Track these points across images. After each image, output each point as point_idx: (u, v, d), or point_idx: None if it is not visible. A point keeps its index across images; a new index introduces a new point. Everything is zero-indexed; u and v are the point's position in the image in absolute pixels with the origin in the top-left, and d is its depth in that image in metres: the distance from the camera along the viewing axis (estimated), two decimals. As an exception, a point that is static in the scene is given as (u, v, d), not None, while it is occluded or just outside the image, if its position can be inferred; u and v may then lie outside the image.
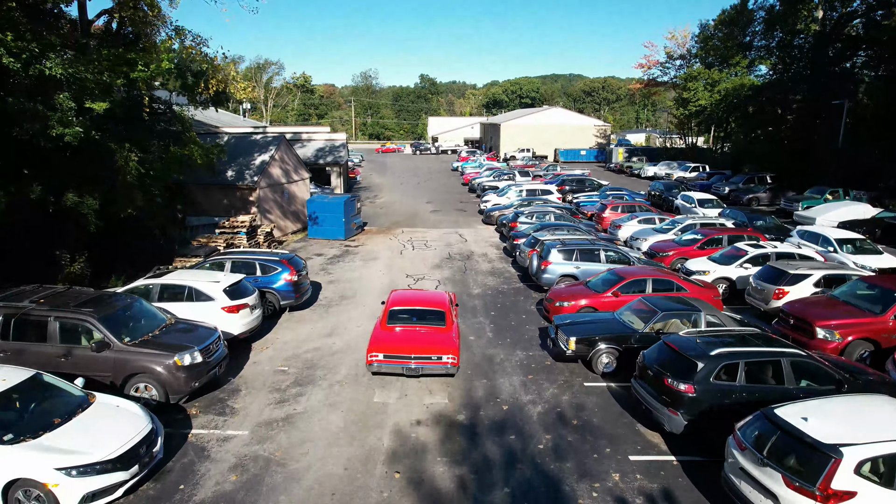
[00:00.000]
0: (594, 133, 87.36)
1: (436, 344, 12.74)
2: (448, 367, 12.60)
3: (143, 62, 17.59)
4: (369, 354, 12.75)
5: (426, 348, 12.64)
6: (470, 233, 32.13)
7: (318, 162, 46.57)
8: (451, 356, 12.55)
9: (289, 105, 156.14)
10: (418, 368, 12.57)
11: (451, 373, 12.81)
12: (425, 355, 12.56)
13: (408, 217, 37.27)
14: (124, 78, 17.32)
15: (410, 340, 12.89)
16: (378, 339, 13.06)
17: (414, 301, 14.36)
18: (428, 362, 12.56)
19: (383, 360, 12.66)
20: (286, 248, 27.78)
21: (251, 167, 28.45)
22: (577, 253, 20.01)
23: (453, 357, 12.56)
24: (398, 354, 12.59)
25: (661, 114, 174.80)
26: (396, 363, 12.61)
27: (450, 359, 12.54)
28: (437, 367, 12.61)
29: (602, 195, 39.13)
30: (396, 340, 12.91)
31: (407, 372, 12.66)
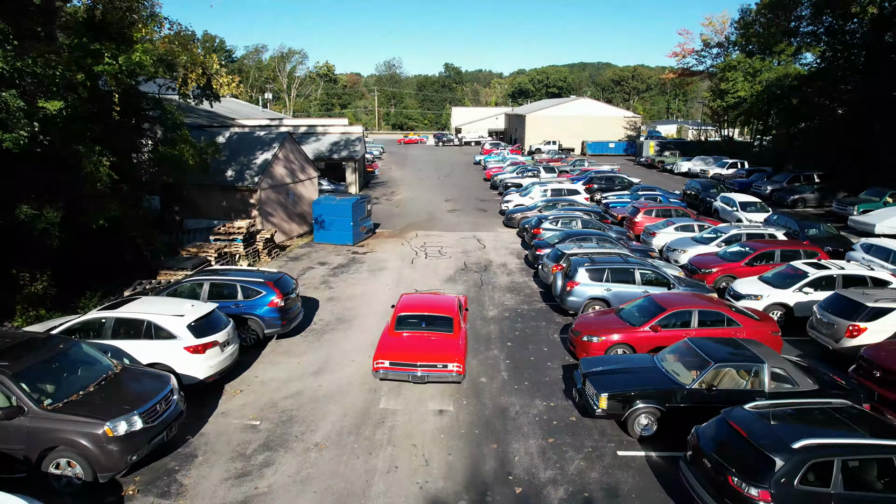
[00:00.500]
0: (623, 125, 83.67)
1: (442, 351, 12.73)
2: (453, 375, 12.56)
3: (109, 54, 15.40)
4: (375, 361, 12.74)
5: (432, 356, 12.62)
6: (489, 237, 29.64)
7: (332, 157, 44.47)
8: (457, 364, 12.52)
9: (312, 95, 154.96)
10: (424, 376, 12.57)
11: (457, 380, 12.76)
12: (431, 363, 12.54)
13: (424, 218, 34.91)
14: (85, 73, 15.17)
15: (417, 347, 12.89)
16: (385, 345, 13.09)
17: (423, 307, 14.26)
18: (434, 370, 12.53)
19: (389, 367, 12.65)
20: (290, 254, 25.69)
21: (252, 166, 26.35)
22: (608, 272, 17.40)
23: (459, 365, 12.53)
24: (404, 362, 12.60)
25: (693, 104, 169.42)
26: (402, 370, 12.62)
27: (455, 367, 12.50)
28: (443, 374, 12.57)
29: (633, 195, 36.25)
30: (403, 347, 12.92)
31: (413, 379, 12.65)
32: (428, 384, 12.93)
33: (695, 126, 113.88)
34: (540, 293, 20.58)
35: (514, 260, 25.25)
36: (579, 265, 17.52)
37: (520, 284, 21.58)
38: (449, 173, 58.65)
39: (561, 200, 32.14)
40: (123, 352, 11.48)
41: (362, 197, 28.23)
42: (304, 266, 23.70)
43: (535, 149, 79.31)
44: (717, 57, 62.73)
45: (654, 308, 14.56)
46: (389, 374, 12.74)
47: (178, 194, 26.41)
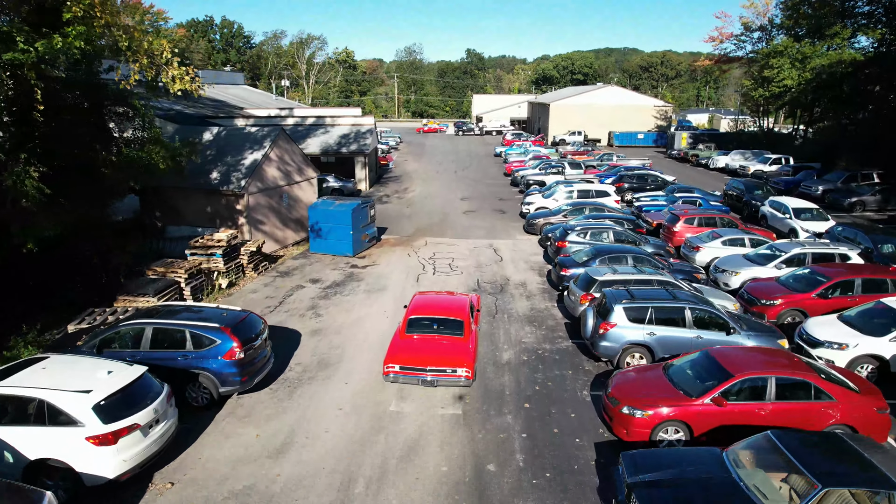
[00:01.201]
0: (653, 114, 79.11)
1: (452, 355, 12.84)
2: (462, 380, 12.70)
3: (24, 38, 12.33)
4: (386, 365, 12.89)
5: (442, 360, 12.73)
6: (507, 246, 26.34)
7: (340, 151, 41.43)
8: (466, 370, 12.66)
9: (331, 81, 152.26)
10: (434, 381, 12.72)
11: (466, 385, 12.87)
12: (440, 367, 12.65)
13: (436, 220, 31.69)
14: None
15: (427, 351, 12.98)
16: (396, 349, 13.21)
17: (434, 309, 14.30)
18: (443, 375, 12.67)
19: (399, 371, 12.79)
20: (280, 268, 22.71)
21: (240, 168, 23.37)
22: (652, 311, 14.03)
23: (468, 370, 12.67)
24: (414, 366, 12.72)
25: (724, 91, 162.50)
26: (412, 375, 12.76)
27: (464, 372, 12.65)
28: (452, 379, 12.71)
29: (669, 197, 32.59)
30: (413, 351, 13.03)
31: (423, 383, 12.81)
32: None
33: (728, 115, 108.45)
34: (565, 325, 17.30)
35: (535, 278, 21.95)
36: (616, 302, 14.18)
37: (541, 313, 18.30)
38: (467, 166, 55.26)
39: (589, 204, 28.63)
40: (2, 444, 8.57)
41: (364, 201, 25.10)
42: (293, 284, 20.70)
43: (559, 139, 75.34)
44: (759, 42, 58.00)
45: (715, 370, 11.22)
46: (400, 378, 12.86)
47: (159, 197, 23.61)
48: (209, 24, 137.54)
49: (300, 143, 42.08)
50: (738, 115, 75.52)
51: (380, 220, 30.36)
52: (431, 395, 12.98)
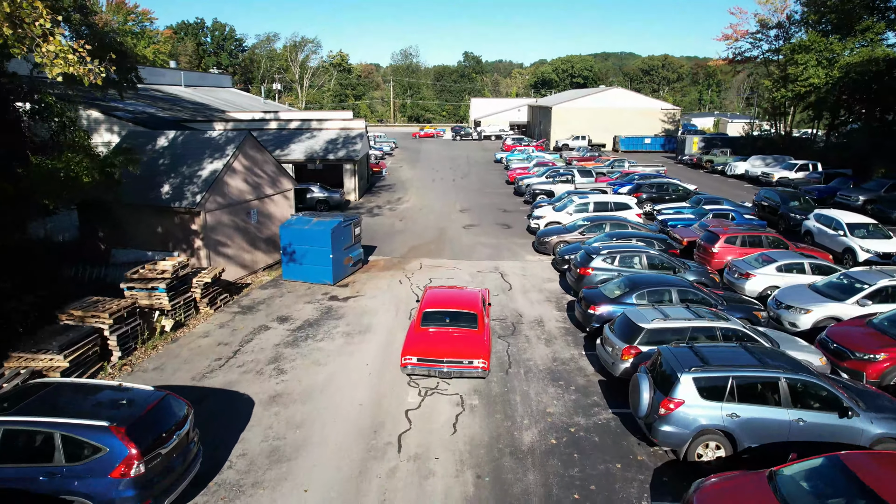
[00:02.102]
0: (660, 117, 75.47)
1: (468, 347, 12.98)
2: (479, 370, 12.79)
3: None
4: (404, 357, 13.00)
5: (458, 352, 12.87)
6: (516, 270, 22.44)
7: (327, 157, 37.52)
8: (482, 360, 12.77)
9: (325, 85, 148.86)
10: (450, 372, 12.83)
11: (481, 376, 12.96)
12: (457, 359, 12.79)
13: (432, 237, 27.77)
14: None
15: (443, 343, 13.13)
16: (413, 341, 13.34)
17: (447, 302, 14.39)
18: (459, 366, 12.79)
19: (417, 363, 12.93)
20: (243, 301, 18.73)
21: (196, 180, 19.41)
22: (734, 383, 10.10)
23: (483, 361, 12.77)
24: (431, 358, 12.86)
25: (727, 95, 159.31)
26: (429, 366, 12.89)
27: (481, 363, 12.75)
28: (469, 370, 12.80)
29: (696, 209, 28.75)
30: (430, 343, 13.16)
31: (439, 375, 12.94)
32: None
33: (736, 119, 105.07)
34: (599, 384, 13.38)
35: (553, 312, 18.02)
36: (682, 369, 10.24)
37: (566, 365, 14.37)
38: (466, 174, 51.40)
39: (608, 219, 24.77)
40: None
41: (347, 218, 21.15)
42: (256, 325, 16.72)
43: (561, 144, 71.69)
44: (777, 40, 54.35)
45: (855, 495, 7.31)
46: (417, 369, 13.00)
47: (101, 215, 19.64)
48: (200, 27, 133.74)
49: (283, 149, 38.22)
50: (752, 119, 71.81)
51: (368, 236, 26.47)
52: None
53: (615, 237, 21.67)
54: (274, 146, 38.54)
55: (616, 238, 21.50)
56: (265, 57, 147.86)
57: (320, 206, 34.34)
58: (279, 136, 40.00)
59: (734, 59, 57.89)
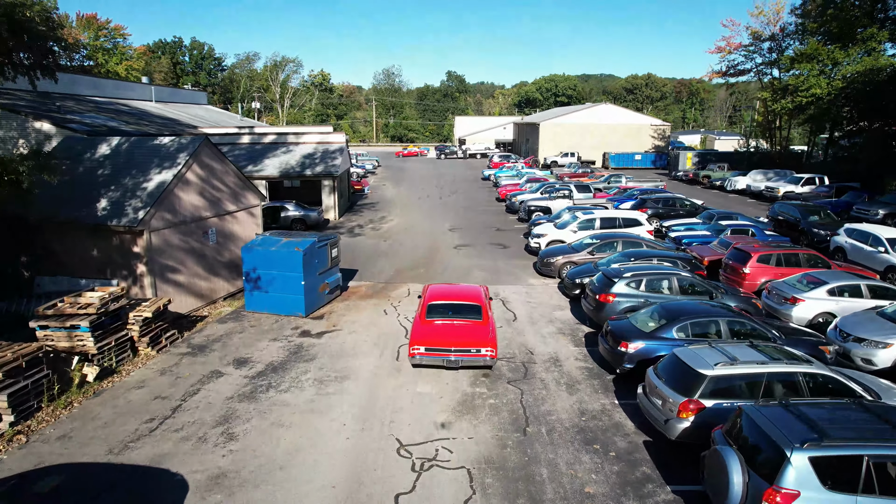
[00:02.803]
0: (650, 133, 73.70)
1: (475, 337, 12.97)
2: (487, 359, 12.81)
3: None
4: (411, 347, 12.90)
5: (465, 341, 12.85)
6: (519, 296, 19.45)
7: (304, 173, 34.45)
8: (490, 349, 12.77)
9: (306, 105, 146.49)
10: (458, 361, 12.79)
11: (489, 365, 13.02)
12: (465, 348, 12.76)
13: (421, 259, 24.73)
14: None
15: (450, 334, 13.09)
16: (419, 332, 13.20)
17: (450, 295, 14.37)
18: (468, 355, 12.77)
19: (425, 352, 12.81)
20: (195, 339, 15.45)
21: (139, 193, 16.21)
22: (870, 466, 7.09)
23: (492, 350, 12.78)
24: (439, 347, 12.79)
25: (710, 113, 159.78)
26: (437, 356, 12.82)
27: (488, 351, 12.75)
28: (477, 359, 12.81)
29: (711, 224, 26.13)
30: (436, 334, 13.08)
31: (447, 364, 12.87)
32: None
33: (723, 136, 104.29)
34: (646, 447, 10.33)
35: (570, 347, 15.01)
36: (790, 443, 7.20)
37: (599, 420, 11.29)
38: (453, 191, 48.59)
39: (619, 236, 21.95)
40: None
41: (323, 238, 18.02)
42: (207, 371, 13.44)
43: (550, 161, 69.38)
44: (771, 52, 52.83)
45: None
46: (425, 359, 12.89)
47: (24, 234, 16.33)
48: (178, 45, 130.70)
49: (256, 164, 35.12)
50: (741, 136, 70.28)
51: (349, 258, 23.38)
52: None
53: (633, 257, 18.80)
54: (246, 161, 35.45)
55: (634, 258, 18.64)
56: (245, 76, 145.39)
57: (296, 226, 31.21)
58: (252, 150, 36.91)
59: (727, 72, 56.23)
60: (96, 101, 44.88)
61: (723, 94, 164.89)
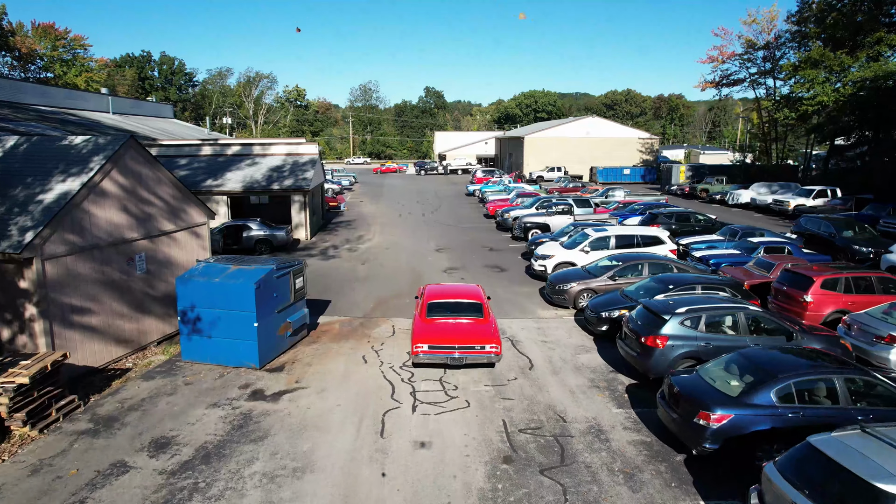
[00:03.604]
0: (638, 147, 71.26)
1: (478, 334, 12.72)
2: (491, 356, 12.55)
3: None
4: (414, 346, 12.54)
5: (469, 338, 12.58)
6: (530, 332, 15.68)
7: (270, 187, 30.44)
8: (494, 345, 12.51)
9: (281, 121, 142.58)
10: (462, 358, 12.45)
11: (493, 361, 12.71)
12: (469, 345, 12.46)
13: (405, 286, 20.86)
14: None
15: (453, 332, 12.82)
16: (421, 330, 12.94)
17: (450, 294, 14.15)
18: (472, 352, 12.46)
19: (428, 350, 12.47)
20: (102, 408, 11.33)
21: (31, 208, 12.11)
22: None
23: (496, 346, 12.52)
24: (442, 345, 12.47)
25: (689, 129, 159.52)
26: (441, 353, 12.48)
27: (493, 348, 12.50)
28: (481, 356, 12.51)
29: (737, 242, 22.80)
30: (439, 332, 12.81)
31: (451, 361, 12.51)
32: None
33: (707, 151, 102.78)
34: None
35: (613, 409, 11.24)
36: None
37: (689, 541, 7.51)
38: (436, 208, 44.90)
39: (644, 258, 18.38)
40: None
41: (283, 265, 14.04)
42: (107, 462, 9.34)
43: (536, 176, 66.30)
44: (766, 61, 50.63)
45: None
46: (429, 357, 12.50)
47: None
48: (146, 59, 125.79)
49: (217, 177, 31.04)
50: (736, 150, 68.19)
51: (320, 286, 19.49)
52: None
53: (669, 284, 15.20)
54: (206, 175, 31.35)
55: (672, 285, 15.04)
56: (217, 92, 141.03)
57: (260, 247, 27.17)
58: (214, 163, 32.84)
59: (720, 82, 53.88)
60: (41, 111, 40.46)
61: (702, 110, 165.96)
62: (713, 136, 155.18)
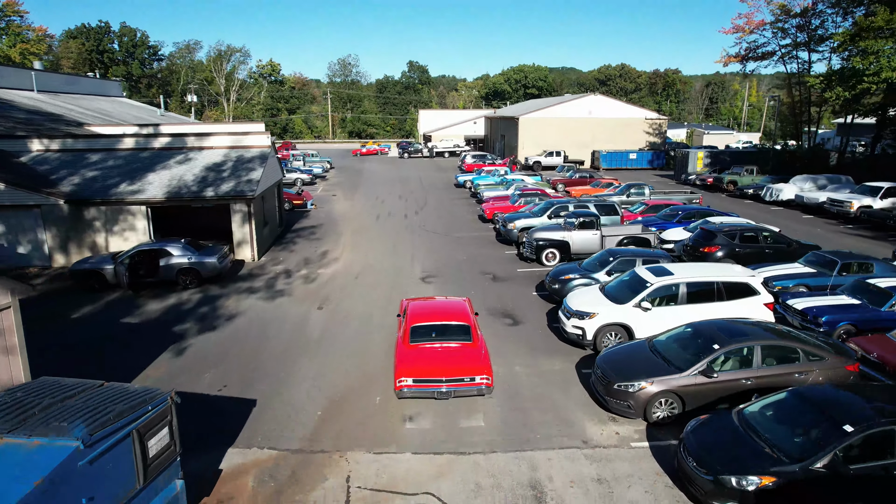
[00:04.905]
0: (645, 129, 64.37)
1: (467, 363, 11.56)
2: (482, 388, 11.39)
3: None
4: (397, 380, 11.35)
5: (457, 369, 11.41)
6: (578, 490, 8.90)
7: (202, 194, 23.18)
8: (485, 376, 11.37)
9: (254, 98, 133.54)
10: (450, 392, 11.34)
11: (483, 394, 11.50)
12: (457, 377, 11.33)
13: (375, 356, 13.98)
14: None
15: (439, 361, 11.63)
16: (404, 360, 11.71)
17: (435, 314, 12.92)
18: (461, 384, 11.35)
19: (413, 384, 11.31)
20: None
21: None
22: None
23: (486, 377, 11.36)
24: (428, 378, 11.28)
25: (685, 106, 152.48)
26: (427, 387, 11.30)
27: (483, 379, 11.35)
28: (471, 388, 11.38)
29: (835, 276, 16.22)
30: (424, 362, 11.60)
31: (438, 396, 11.38)
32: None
33: (712, 130, 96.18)
34: None
35: None
36: None
37: None
38: (422, 205, 37.86)
39: (749, 333, 11.63)
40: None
41: (116, 424, 7.02)
42: None
43: (533, 162, 59.30)
44: (801, 31, 43.70)
45: None
46: (413, 391, 11.37)
47: None
48: (104, 31, 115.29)
49: (133, 181, 23.68)
50: (731, 130, 61.57)
51: (251, 357, 12.68)
52: None
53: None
54: (120, 176, 24.01)
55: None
56: (185, 67, 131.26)
57: (185, 280, 20.09)
58: (134, 159, 25.45)
59: (747, 55, 46.84)
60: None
61: (699, 86, 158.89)
62: (710, 114, 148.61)
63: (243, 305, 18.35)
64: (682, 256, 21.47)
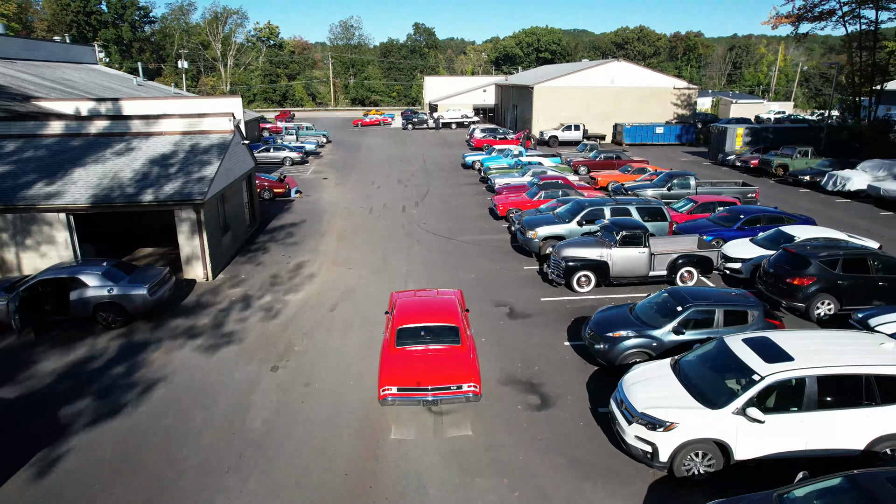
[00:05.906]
0: (673, 100, 58.25)
1: (454, 369, 10.96)
2: (469, 395, 10.82)
3: None
4: (381, 389, 10.80)
5: (444, 376, 10.83)
6: None
7: (139, 198, 18.08)
8: (472, 384, 10.79)
9: (252, 63, 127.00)
10: (437, 400, 10.82)
11: (472, 401, 10.95)
12: (444, 385, 10.78)
13: (350, 460, 9.14)
14: None
15: (425, 368, 11.00)
16: (389, 367, 11.09)
17: (424, 312, 12.25)
18: (447, 392, 10.79)
19: (397, 393, 10.75)
20: None
21: None
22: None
23: (474, 385, 10.79)
24: (414, 387, 10.77)
25: (706, 71, 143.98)
26: (412, 396, 10.77)
27: (471, 387, 10.79)
28: (458, 396, 10.83)
29: None
30: (410, 369, 11.02)
31: (424, 404, 10.90)
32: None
33: (740, 99, 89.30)
34: None
35: None
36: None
37: None
38: (424, 192, 32.69)
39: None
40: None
41: None
42: None
43: (549, 136, 53.62)
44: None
45: None
46: (398, 400, 10.81)
47: None
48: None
49: (54, 179, 18.60)
50: (762, 99, 55.39)
51: (175, 456, 7.67)
52: None
53: None
54: (39, 173, 18.94)
55: None
56: (180, 31, 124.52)
57: (104, 318, 15.21)
58: (62, 149, 20.34)
59: (802, 15, 40.49)
60: None
61: (721, 50, 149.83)
62: (732, 79, 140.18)
63: (173, 363, 13.49)
64: (759, 288, 16.31)
